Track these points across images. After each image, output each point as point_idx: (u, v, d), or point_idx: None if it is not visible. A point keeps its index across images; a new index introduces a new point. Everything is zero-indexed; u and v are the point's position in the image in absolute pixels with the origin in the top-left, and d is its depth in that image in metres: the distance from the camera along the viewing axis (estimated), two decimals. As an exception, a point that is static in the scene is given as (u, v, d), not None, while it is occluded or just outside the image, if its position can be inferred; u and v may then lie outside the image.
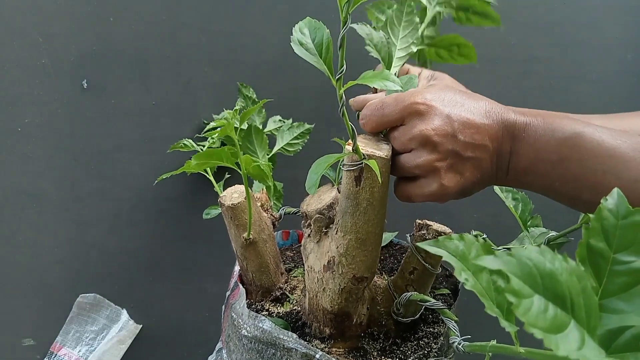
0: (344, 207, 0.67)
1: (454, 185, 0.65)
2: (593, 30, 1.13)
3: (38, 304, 1.08)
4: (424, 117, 0.64)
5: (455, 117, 0.63)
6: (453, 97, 0.65)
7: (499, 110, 0.65)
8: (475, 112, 0.64)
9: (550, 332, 0.32)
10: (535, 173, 0.64)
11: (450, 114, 0.63)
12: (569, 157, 0.61)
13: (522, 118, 0.64)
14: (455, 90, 0.67)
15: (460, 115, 0.63)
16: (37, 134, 1.02)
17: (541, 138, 0.63)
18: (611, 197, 0.41)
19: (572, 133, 0.61)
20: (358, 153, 0.63)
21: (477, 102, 0.66)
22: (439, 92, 0.66)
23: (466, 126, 0.63)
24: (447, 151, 0.64)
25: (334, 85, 0.59)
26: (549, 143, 0.62)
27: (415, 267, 0.73)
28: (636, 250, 0.39)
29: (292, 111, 1.06)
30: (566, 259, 0.36)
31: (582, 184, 0.61)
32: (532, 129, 0.64)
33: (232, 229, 0.77)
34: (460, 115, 0.64)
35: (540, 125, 0.64)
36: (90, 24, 1.00)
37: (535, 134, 0.63)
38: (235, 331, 0.74)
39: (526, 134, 0.64)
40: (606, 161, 0.59)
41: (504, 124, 0.64)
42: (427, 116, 0.64)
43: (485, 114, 0.64)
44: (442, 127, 0.63)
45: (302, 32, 0.60)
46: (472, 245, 0.45)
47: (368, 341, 0.74)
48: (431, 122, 0.63)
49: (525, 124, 0.64)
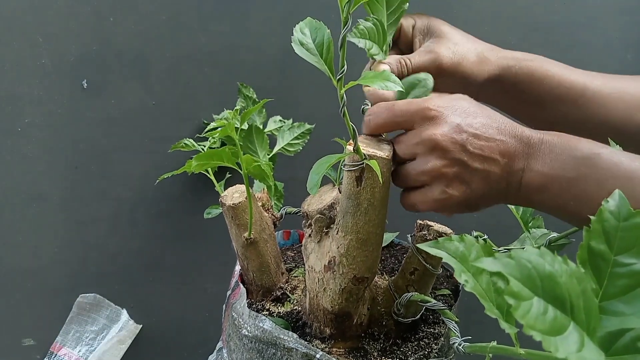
0: (345, 207, 0.67)
1: (459, 194, 0.65)
2: (593, 30, 1.13)
3: (38, 304, 1.08)
4: (435, 122, 0.63)
5: (466, 127, 0.63)
6: (467, 108, 0.64)
7: (513, 126, 0.64)
8: (487, 125, 0.63)
9: (550, 335, 0.32)
10: (550, 191, 0.63)
11: (461, 124, 0.63)
12: (587, 177, 0.60)
13: (537, 135, 0.63)
14: (469, 101, 0.66)
15: (471, 126, 0.63)
16: (37, 134, 1.02)
17: (558, 156, 0.62)
18: (612, 198, 0.41)
19: (590, 153, 0.61)
20: (359, 153, 0.63)
21: (489, 116, 0.65)
22: (453, 101, 0.65)
23: (476, 137, 0.63)
24: (454, 159, 0.63)
25: (335, 85, 0.59)
26: (566, 161, 0.61)
27: (416, 267, 0.73)
28: (637, 252, 0.39)
29: (292, 111, 1.06)
30: (566, 261, 0.36)
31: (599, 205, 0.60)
32: (548, 146, 0.63)
33: (233, 228, 0.77)
34: (471, 125, 0.63)
35: (557, 142, 0.62)
36: (90, 24, 1.00)
37: (551, 151, 0.62)
38: (236, 331, 0.74)
39: (541, 151, 0.63)
40: (624, 183, 0.58)
41: (518, 139, 0.63)
42: (438, 122, 0.63)
43: (497, 129, 0.64)
44: (452, 134, 0.62)
45: (303, 32, 0.60)
46: (472, 247, 0.45)
47: (368, 341, 0.74)
48: (441, 128, 0.63)
49: (542, 140, 0.63)
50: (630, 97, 0.81)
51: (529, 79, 0.81)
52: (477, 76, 0.78)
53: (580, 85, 0.81)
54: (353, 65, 0.70)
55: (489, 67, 0.79)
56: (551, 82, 0.81)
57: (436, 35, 0.78)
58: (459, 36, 0.78)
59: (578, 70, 0.83)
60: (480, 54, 0.78)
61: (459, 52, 0.76)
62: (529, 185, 0.64)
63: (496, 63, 0.80)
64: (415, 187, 0.67)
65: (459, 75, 0.76)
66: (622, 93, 0.81)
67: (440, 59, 0.75)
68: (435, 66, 0.75)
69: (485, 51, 0.79)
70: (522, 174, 0.64)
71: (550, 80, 0.81)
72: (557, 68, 0.82)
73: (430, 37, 0.79)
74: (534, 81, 0.81)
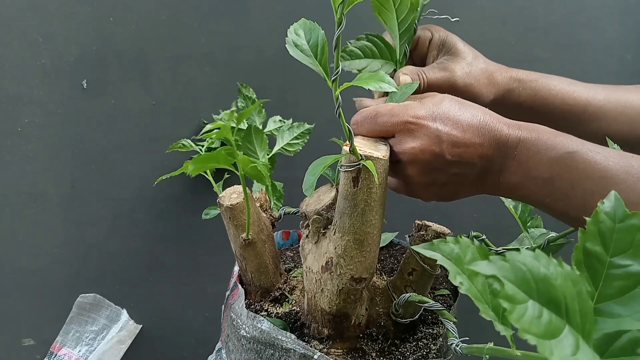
0: (342, 207, 0.67)
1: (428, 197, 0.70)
2: (593, 30, 1.13)
3: (38, 304, 1.08)
4: (414, 135, 0.65)
5: (445, 136, 0.64)
6: (447, 112, 0.65)
7: (493, 125, 0.65)
8: (467, 129, 0.64)
9: (544, 338, 0.32)
10: (526, 189, 0.65)
11: (440, 134, 0.64)
12: (561, 177, 0.62)
13: (515, 133, 0.64)
14: (451, 102, 0.67)
15: (450, 134, 0.64)
16: (37, 134, 1.02)
17: (534, 156, 0.63)
18: (608, 200, 0.40)
19: (565, 152, 0.61)
20: (355, 154, 0.63)
21: (472, 115, 0.65)
22: (433, 107, 0.66)
23: (455, 145, 0.64)
24: (431, 169, 0.66)
25: (330, 86, 0.59)
26: (540, 161, 0.63)
27: (414, 268, 0.73)
28: (633, 253, 0.39)
29: (292, 111, 1.06)
30: (561, 263, 0.35)
31: (572, 203, 0.62)
32: (524, 146, 0.64)
33: (231, 229, 0.77)
34: (450, 134, 0.64)
35: (533, 142, 0.63)
36: (90, 24, 1.00)
37: (527, 151, 0.63)
38: (234, 331, 0.74)
39: (518, 151, 0.64)
40: (597, 182, 0.60)
41: (496, 140, 0.64)
42: (417, 135, 0.65)
43: (477, 130, 0.64)
44: (430, 147, 0.64)
45: (297, 33, 0.60)
46: (467, 249, 0.45)
47: (367, 342, 0.74)
48: (420, 141, 0.64)
49: (519, 140, 0.64)
50: (632, 110, 0.83)
51: (532, 99, 0.83)
52: (485, 97, 0.80)
53: (583, 101, 0.83)
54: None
55: (495, 88, 0.82)
56: (554, 100, 0.83)
57: (451, 53, 0.81)
58: (472, 55, 0.81)
59: (581, 85, 0.85)
60: (490, 76, 0.81)
61: (472, 73, 0.79)
62: (507, 183, 0.66)
63: (502, 84, 0.82)
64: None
65: (469, 96, 0.78)
66: (624, 106, 0.83)
67: (454, 78, 0.78)
68: (448, 84, 0.77)
69: (494, 72, 0.82)
70: (499, 174, 0.66)
71: (553, 99, 0.83)
72: (561, 85, 0.84)
73: (445, 53, 0.82)
74: (537, 101, 0.83)
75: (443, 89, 0.77)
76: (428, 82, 0.78)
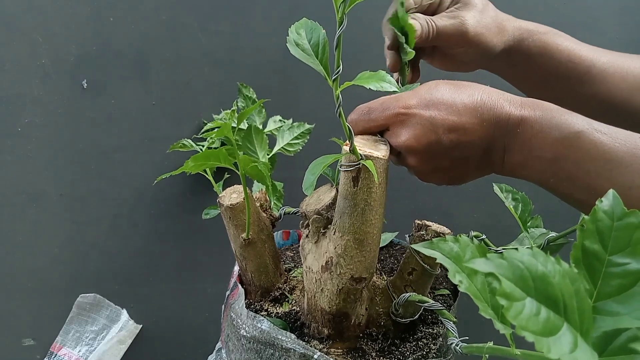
0: (342, 207, 0.67)
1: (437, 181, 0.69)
2: (593, 30, 1.13)
3: (38, 304, 1.08)
4: (407, 126, 0.64)
5: (440, 121, 0.63)
6: (441, 97, 0.64)
7: (492, 104, 0.63)
8: (463, 111, 0.63)
9: (542, 335, 0.32)
10: (530, 169, 0.63)
11: (435, 120, 0.63)
12: (565, 157, 0.60)
13: (518, 111, 0.62)
14: (446, 86, 0.65)
15: (445, 119, 0.63)
16: (37, 134, 1.02)
17: (537, 135, 0.61)
18: (606, 198, 0.40)
19: (569, 132, 0.60)
20: (355, 153, 0.63)
21: (468, 97, 0.64)
22: (425, 94, 0.65)
23: (451, 129, 0.63)
24: (432, 156, 0.64)
25: (331, 85, 0.59)
26: (544, 141, 0.61)
27: (414, 267, 0.73)
28: (631, 252, 0.39)
29: (292, 111, 1.06)
30: (559, 261, 0.35)
31: (576, 184, 0.60)
32: (527, 124, 0.62)
33: (231, 229, 0.77)
34: (445, 119, 0.63)
35: (537, 120, 0.62)
36: (90, 24, 1.01)
37: (531, 130, 0.62)
38: (234, 331, 0.74)
39: (521, 130, 0.62)
40: (602, 164, 0.58)
41: (496, 120, 0.63)
42: (410, 125, 0.64)
43: (475, 111, 0.63)
44: (425, 135, 0.63)
45: (298, 32, 0.60)
46: (466, 247, 0.45)
47: (367, 342, 0.74)
48: (413, 131, 0.63)
49: (521, 118, 0.62)
50: (633, 77, 0.81)
51: (541, 53, 0.81)
52: (495, 46, 0.78)
53: (588, 62, 0.82)
54: (349, 65, 0.70)
55: (505, 37, 0.80)
56: (560, 56, 0.81)
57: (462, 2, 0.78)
58: (482, 3, 0.79)
59: (587, 46, 0.83)
60: (500, 24, 0.79)
61: (482, 21, 0.77)
62: (511, 162, 0.64)
63: (512, 33, 0.80)
64: None
65: (481, 47, 0.77)
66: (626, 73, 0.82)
67: (465, 26, 0.75)
68: (459, 33, 0.75)
69: (504, 21, 0.80)
70: (503, 153, 0.64)
71: (559, 55, 0.81)
72: (568, 42, 0.82)
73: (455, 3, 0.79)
74: (544, 55, 0.81)
75: (453, 38, 0.75)
76: (437, 30, 0.75)
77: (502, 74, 0.86)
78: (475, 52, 0.78)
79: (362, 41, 1.08)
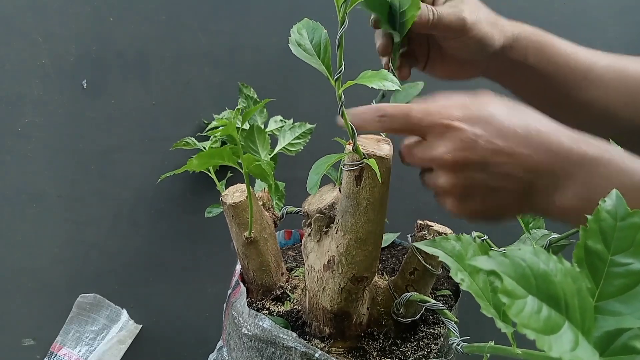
0: (344, 206, 0.67)
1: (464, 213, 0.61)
2: (593, 30, 1.13)
3: (38, 304, 1.08)
4: (449, 140, 0.58)
5: (485, 142, 0.56)
6: (491, 116, 0.57)
7: (549, 135, 0.56)
8: (512, 136, 0.56)
9: (544, 333, 0.32)
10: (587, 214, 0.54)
11: (479, 139, 0.56)
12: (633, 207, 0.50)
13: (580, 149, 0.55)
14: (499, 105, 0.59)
15: (491, 142, 0.56)
16: (37, 134, 1.02)
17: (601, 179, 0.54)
18: (609, 198, 0.41)
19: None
20: (358, 152, 0.63)
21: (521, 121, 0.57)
22: (474, 109, 0.58)
23: (495, 154, 0.56)
24: (467, 178, 0.58)
25: (333, 85, 0.59)
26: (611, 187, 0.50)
27: (416, 267, 0.73)
28: (634, 252, 0.39)
29: (293, 111, 1.06)
30: (561, 260, 0.36)
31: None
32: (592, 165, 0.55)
33: (234, 227, 0.77)
34: (490, 141, 0.56)
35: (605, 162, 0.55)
36: (90, 24, 1.01)
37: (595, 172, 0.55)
38: (236, 329, 0.74)
39: (583, 171, 0.55)
40: None
41: (552, 153, 0.56)
42: (451, 140, 0.57)
43: (525, 139, 0.56)
44: (466, 154, 0.57)
45: (300, 32, 0.60)
46: (469, 246, 0.45)
47: (368, 341, 0.74)
48: (453, 146, 0.57)
49: (584, 157, 0.55)
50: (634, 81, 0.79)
51: (539, 53, 0.79)
52: (492, 41, 0.76)
53: (585, 66, 0.80)
54: (351, 64, 0.69)
55: (503, 33, 0.78)
56: (558, 59, 0.79)
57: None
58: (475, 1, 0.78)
59: (585, 50, 0.82)
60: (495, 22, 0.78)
61: (480, 14, 0.75)
62: (562, 206, 0.57)
63: (510, 30, 0.79)
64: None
65: (478, 37, 0.75)
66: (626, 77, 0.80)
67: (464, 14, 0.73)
68: (458, 20, 0.73)
69: (499, 19, 0.79)
70: (553, 193, 0.57)
71: (557, 58, 0.79)
72: (566, 46, 0.81)
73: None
74: (542, 56, 0.79)
75: (453, 25, 0.72)
76: (439, 15, 0.72)
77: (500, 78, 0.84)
78: (474, 46, 0.76)
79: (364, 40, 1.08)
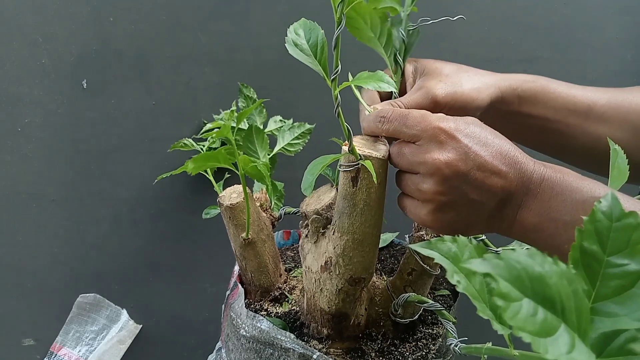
0: (341, 207, 0.67)
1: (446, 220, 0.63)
2: (593, 30, 1.13)
3: (38, 304, 1.08)
4: (442, 146, 0.60)
5: (473, 155, 0.60)
6: (479, 134, 0.61)
7: (519, 157, 0.61)
8: (496, 155, 0.60)
9: (539, 336, 0.32)
10: (543, 231, 0.60)
11: (469, 151, 0.60)
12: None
13: (540, 170, 0.60)
14: (480, 125, 0.63)
15: (479, 155, 0.60)
16: (37, 134, 1.02)
17: (557, 196, 0.59)
18: (605, 199, 0.40)
19: (589, 196, 0.57)
20: (354, 154, 0.63)
21: (499, 143, 0.61)
22: (466, 125, 0.62)
23: (481, 168, 0.60)
24: (452, 187, 0.60)
25: (329, 85, 0.59)
26: (564, 203, 0.58)
27: (414, 268, 0.73)
28: (630, 253, 0.39)
29: (292, 111, 1.06)
30: (556, 262, 0.35)
31: None
32: (548, 184, 0.60)
33: (231, 228, 0.77)
34: (478, 154, 0.60)
35: (558, 182, 0.59)
36: (90, 24, 1.01)
37: (551, 191, 0.59)
38: (234, 331, 0.74)
39: (541, 189, 0.60)
40: None
41: (520, 174, 0.60)
42: (446, 146, 0.60)
43: (505, 159, 0.60)
44: (457, 163, 0.60)
45: (297, 33, 0.60)
46: (465, 247, 0.45)
47: (366, 342, 0.74)
48: (447, 154, 0.60)
49: (543, 178, 0.60)
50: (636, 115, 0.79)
51: (533, 101, 0.78)
52: (477, 102, 0.74)
53: (585, 106, 0.79)
54: (348, 65, 0.69)
55: (489, 90, 0.76)
56: (555, 104, 0.79)
57: (426, 73, 0.76)
58: (450, 68, 0.76)
59: (581, 89, 0.81)
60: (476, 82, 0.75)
61: (450, 82, 0.73)
62: (524, 222, 0.61)
63: (497, 85, 0.77)
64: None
65: (458, 105, 0.73)
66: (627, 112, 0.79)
67: (432, 91, 0.72)
68: (429, 100, 0.72)
69: (483, 76, 0.77)
70: (517, 211, 0.61)
71: (554, 103, 0.79)
72: (561, 88, 0.80)
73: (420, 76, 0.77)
74: (537, 102, 0.79)
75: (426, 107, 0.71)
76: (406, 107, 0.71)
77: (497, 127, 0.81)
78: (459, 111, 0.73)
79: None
